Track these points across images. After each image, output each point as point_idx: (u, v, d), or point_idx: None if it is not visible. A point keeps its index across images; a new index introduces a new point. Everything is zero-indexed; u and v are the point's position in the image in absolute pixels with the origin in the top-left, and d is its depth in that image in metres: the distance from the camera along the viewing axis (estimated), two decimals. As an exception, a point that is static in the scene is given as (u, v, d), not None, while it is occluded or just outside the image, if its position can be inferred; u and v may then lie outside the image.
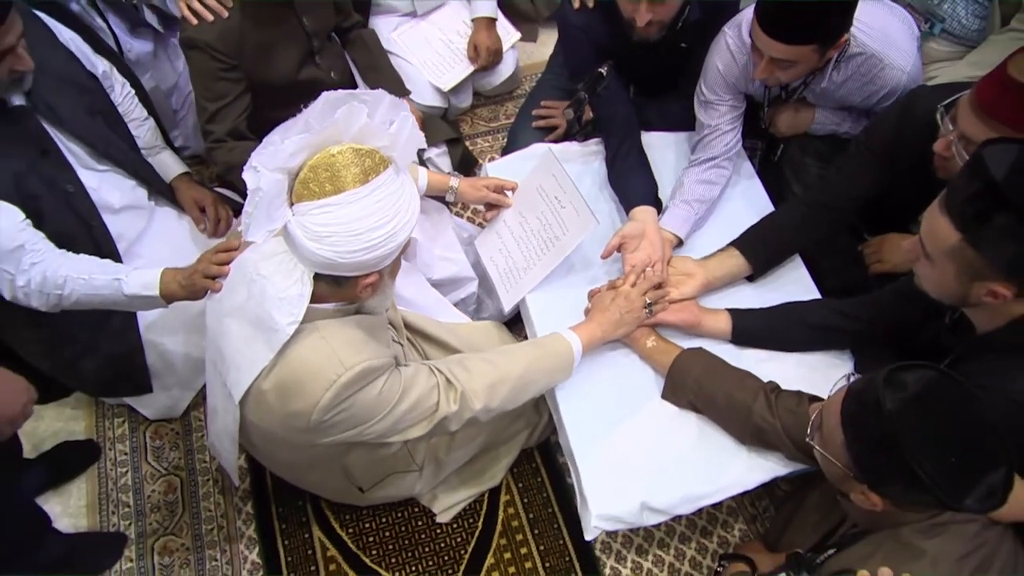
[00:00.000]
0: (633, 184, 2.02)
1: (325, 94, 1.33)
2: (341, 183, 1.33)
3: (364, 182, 1.34)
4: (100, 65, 2.02)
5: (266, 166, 1.32)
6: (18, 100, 1.71)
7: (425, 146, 1.46)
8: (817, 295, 1.96)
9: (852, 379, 1.38)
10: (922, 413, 1.21)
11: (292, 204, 1.36)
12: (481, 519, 2.06)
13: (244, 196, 2.31)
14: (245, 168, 1.33)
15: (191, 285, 1.67)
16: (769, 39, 1.75)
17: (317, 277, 1.42)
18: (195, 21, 1.97)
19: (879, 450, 1.24)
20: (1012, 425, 1.26)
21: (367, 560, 2.00)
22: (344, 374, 1.44)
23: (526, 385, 1.70)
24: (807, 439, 1.41)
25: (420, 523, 2.04)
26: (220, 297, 1.61)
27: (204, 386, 2.20)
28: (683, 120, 2.21)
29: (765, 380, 1.73)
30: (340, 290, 1.47)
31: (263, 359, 1.47)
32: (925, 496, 1.21)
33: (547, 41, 3.05)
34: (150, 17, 2.37)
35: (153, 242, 2.10)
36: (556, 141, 2.32)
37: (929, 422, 1.21)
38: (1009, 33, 2.25)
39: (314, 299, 1.43)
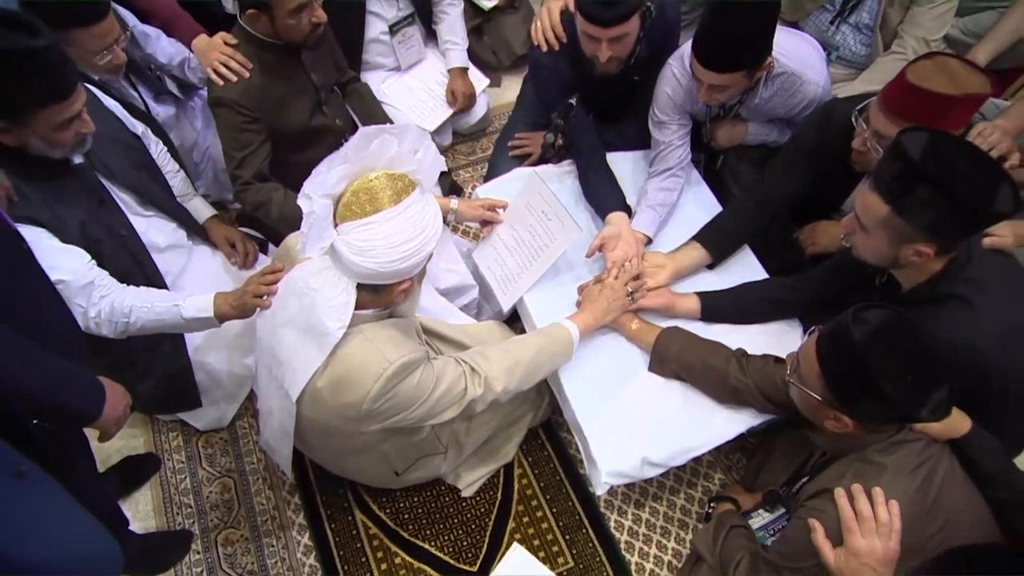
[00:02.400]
0: (605, 195, 2.10)
1: (362, 129, 1.39)
2: (378, 203, 1.38)
3: (397, 202, 1.39)
4: (139, 127, 2.04)
5: (316, 192, 1.36)
6: (78, 159, 1.73)
7: (446, 168, 1.53)
8: (765, 276, 2.04)
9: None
10: (883, 341, 1.29)
11: (336, 225, 1.40)
12: (500, 491, 2.09)
13: (265, 234, 2.38)
14: (299, 197, 1.37)
15: (242, 305, 1.69)
16: (705, 70, 1.84)
17: (359, 287, 1.46)
18: (221, 83, 2.00)
19: (851, 374, 1.31)
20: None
21: (405, 535, 2.01)
22: (389, 367, 1.47)
23: (537, 367, 1.75)
24: (787, 378, 1.48)
25: (447, 499, 2.06)
26: (272, 312, 1.63)
27: (247, 397, 2.24)
28: (638, 140, 2.30)
29: (733, 348, 1.82)
30: (378, 297, 1.51)
31: (316, 360, 1.50)
32: (889, 410, 1.30)
33: (509, 86, 3.13)
34: (171, 85, 2.40)
35: (194, 275, 2.12)
36: (533, 165, 2.39)
37: (889, 349, 1.29)
38: (891, 55, 2.41)
39: (355, 306, 1.47)
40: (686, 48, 2.01)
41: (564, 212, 1.91)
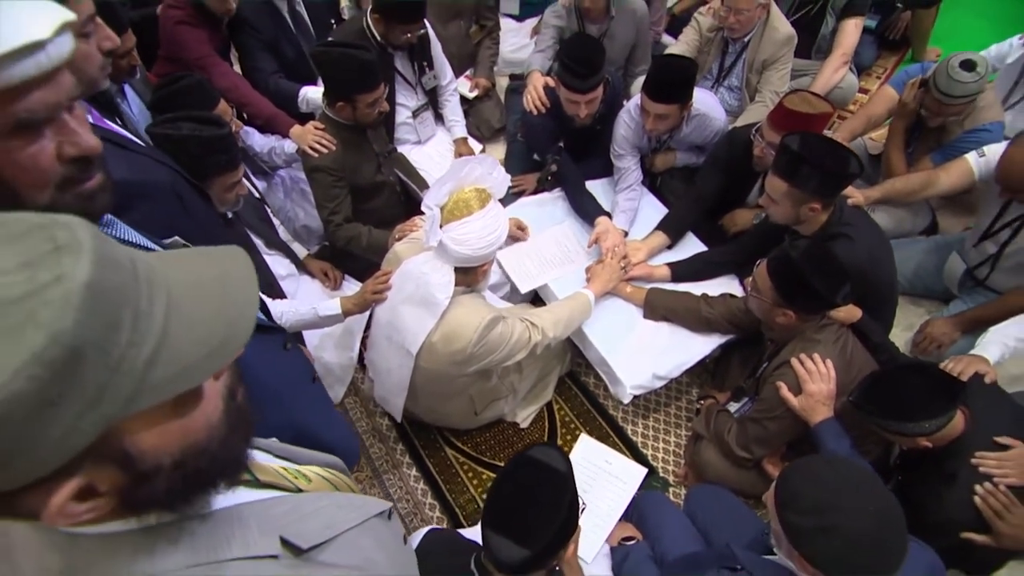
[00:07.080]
0: (591, 207, 2.36)
1: (455, 160, 1.66)
2: (471, 209, 1.63)
3: (483, 207, 1.64)
4: (256, 192, 2.26)
5: (432, 203, 1.62)
6: (231, 214, 1.94)
7: (511, 184, 1.80)
8: (707, 249, 2.33)
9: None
10: (809, 256, 1.59)
11: (441, 227, 1.66)
12: (547, 420, 2.28)
13: (340, 267, 2.56)
14: (422, 205, 1.63)
15: (363, 302, 1.87)
16: (653, 102, 2.15)
17: (455, 270, 1.70)
18: (316, 155, 2.21)
19: (791, 279, 1.60)
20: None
21: (486, 459, 2.18)
22: (483, 320, 1.70)
23: (572, 321, 1.99)
24: (750, 294, 1.77)
25: (511, 431, 2.25)
26: (391, 296, 1.83)
27: (351, 380, 2.39)
28: (601, 172, 2.58)
29: (699, 294, 2.12)
30: (467, 277, 1.74)
31: (430, 323, 1.71)
32: (818, 299, 1.58)
33: (491, 151, 3.33)
34: (263, 164, 2.62)
35: (304, 295, 2.30)
36: (530, 196, 2.67)
37: (813, 260, 1.58)
38: (756, 104, 2.75)
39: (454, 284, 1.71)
40: (631, 103, 2.35)
41: (583, 249, 2.26)
